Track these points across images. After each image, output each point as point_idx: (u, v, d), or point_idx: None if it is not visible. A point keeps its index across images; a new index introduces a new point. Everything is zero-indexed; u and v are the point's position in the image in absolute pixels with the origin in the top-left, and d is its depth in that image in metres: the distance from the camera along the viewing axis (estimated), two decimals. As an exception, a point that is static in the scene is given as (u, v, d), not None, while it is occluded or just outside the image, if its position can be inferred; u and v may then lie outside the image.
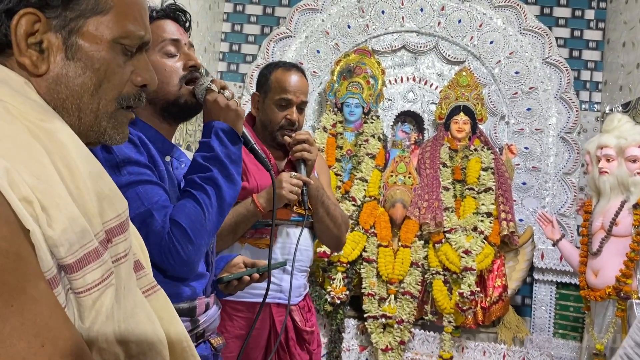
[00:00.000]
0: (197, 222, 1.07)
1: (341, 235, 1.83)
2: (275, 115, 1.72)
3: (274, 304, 1.68)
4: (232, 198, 1.15)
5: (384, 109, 3.82)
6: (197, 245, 1.06)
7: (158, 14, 1.22)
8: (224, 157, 1.14)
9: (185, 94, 1.19)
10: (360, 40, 3.84)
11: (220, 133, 1.15)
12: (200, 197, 1.09)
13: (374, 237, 3.19)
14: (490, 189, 3.25)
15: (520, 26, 3.80)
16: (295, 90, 1.72)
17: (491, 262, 3.15)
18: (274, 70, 1.77)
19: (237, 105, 1.19)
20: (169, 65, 1.18)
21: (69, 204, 0.60)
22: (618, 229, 2.44)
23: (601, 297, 2.44)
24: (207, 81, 1.19)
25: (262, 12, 4.14)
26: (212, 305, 1.22)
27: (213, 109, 1.17)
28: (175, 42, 1.20)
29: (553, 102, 3.74)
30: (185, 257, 1.05)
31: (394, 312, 3.05)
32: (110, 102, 0.73)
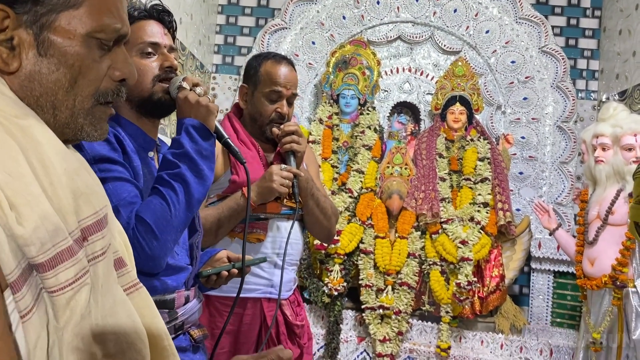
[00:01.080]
0: (162, 218, 1.07)
1: (331, 227, 1.82)
2: (266, 108, 1.69)
3: (264, 299, 1.67)
4: (201, 194, 1.15)
5: (380, 100, 3.81)
6: (162, 241, 1.06)
7: (141, 14, 1.22)
8: (194, 153, 1.14)
9: (159, 91, 1.20)
10: (356, 31, 3.82)
11: (190, 129, 1.16)
12: (166, 194, 1.09)
13: (371, 228, 3.19)
14: (487, 179, 3.25)
15: (516, 15, 3.78)
16: (285, 82, 1.70)
17: (488, 252, 3.15)
18: (263, 62, 1.74)
19: (209, 101, 1.20)
20: (143, 63, 1.19)
21: (41, 202, 0.59)
22: (614, 218, 2.44)
23: (597, 286, 2.44)
24: (179, 79, 1.20)
25: (257, 4, 4.11)
26: (193, 298, 1.23)
27: (184, 106, 1.18)
28: (154, 45, 1.21)
29: (549, 91, 3.73)
30: (150, 253, 1.05)
31: (392, 303, 3.06)
32: (86, 98, 0.71)
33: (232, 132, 1.70)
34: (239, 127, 1.72)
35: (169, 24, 1.27)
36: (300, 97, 3.81)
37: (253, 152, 1.70)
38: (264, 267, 1.66)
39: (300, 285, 3.21)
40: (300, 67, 3.82)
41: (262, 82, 1.71)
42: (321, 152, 3.38)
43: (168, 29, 1.27)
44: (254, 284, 1.65)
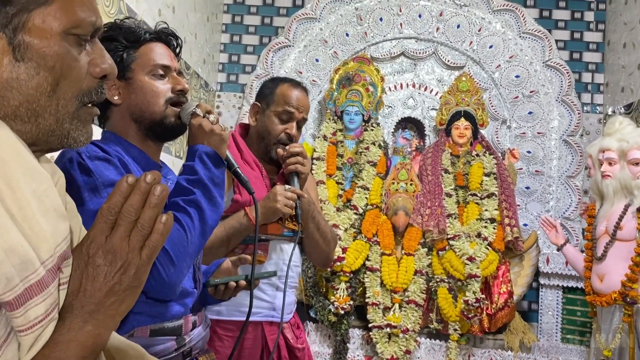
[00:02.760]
0: (179, 244, 1.06)
1: (330, 252, 1.81)
2: (275, 127, 1.70)
3: (265, 323, 1.65)
4: (214, 221, 1.15)
5: (384, 116, 3.81)
6: (179, 268, 1.06)
7: (151, 37, 1.22)
8: (207, 180, 1.14)
9: (171, 114, 1.20)
10: (359, 47, 3.83)
11: (204, 156, 1.17)
12: (183, 220, 1.09)
13: (377, 245, 3.17)
14: (493, 195, 3.22)
15: (519, 30, 3.78)
16: (298, 105, 1.71)
17: (496, 268, 3.12)
18: (280, 84, 1.76)
19: (222, 129, 1.21)
20: (156, 85, 1.19)
21: (7, 231, 0.54)
22: (622, 233, 2.40)
23: (607, 302, 2.40)
24: (193, 105, 1.21)
25: (261, 23, 4.14)
26: (200, 323, 1.22)
27: (198, 133, 1.19)
28: (165, 68, 1.21)
29: (554, 105, 3.72)
30: (167, 279, 1.04)
31: (399, 321, 3.03)
32: (70, 100, 0.66)
33: (236, 152, 1.70)
34: (243, 147, 1.72)
35: (175, 48, 1.28)
36: (304, 114, 3.82)
37: (256, 172, 1.69)
38: (265, 290, 1.65)
39: (307, 304, 3.19)
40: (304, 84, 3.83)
41: (275, 101, 1.72)
42: (326, 169, 3.38)
43: (175, 52, 1.28)
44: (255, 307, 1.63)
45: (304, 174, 1.65)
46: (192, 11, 3.47)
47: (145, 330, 1.08)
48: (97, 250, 0.60)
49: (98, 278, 0.60)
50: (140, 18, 2.65)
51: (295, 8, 4.05)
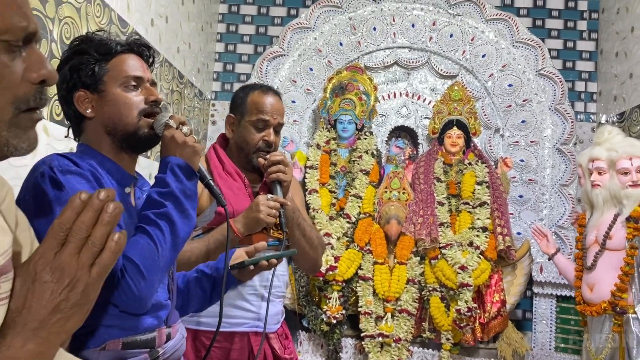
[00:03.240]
0: (149, 258, 1.05)
1: (317, 258, 1.80)
2: (252, 137, 1.70)
3: (252, 333, 1.64)
4: (186, 233, 1.14)
5: (377, 124, 3.82)
6: (149, 281, 1.05)
7: (122, 48, 1.22)
8: (179, 193, 1.14)
9: (144, 126, 1.19)
10: (353, 57, 3.85)
11: (175, 169, 1.16)
12: (153, 233, 1.08)
13: (370, 254, 3.17)
14: (486, 203, 3.22)
15: (512, 39, 3.80)
16: (272, 111, 1.70)
17: (488, 277, 3.11)
18: (250, 92, 1.75)
19: (195, 141, 1.20)
20: (129, 97, 1.19)
21: None
22: (612, 243, 2.40)
23: (597, 312, 2.40)
24: (166, 116, 1.20)
25: (255, 32, 4.16)
26: (175, 334, 1.21)
27: (170, 144, 1.18)
28: (138, 79, 1.21)
29: (548, 114, 3.73)
30: (137, 294, 1.03)
31: (391, 330, 3.02)
32: (4, 108, 0.64)
33: (217, 164, 1.70)
34: (225, 158, 1.72)
35: (148, 59, 1.28)
36: (298, 123, 3.83)
37: (239, 182, 1.69)
38: (251, 300, 1.65)
39: (299, 313, 3.19)
40: (299, 93, 3.85)
41: (248, 110, 1.72)
42: (319, 177, 3.38)
43: (147, 63, 1.27)
44: (241, 318, 1.63)
45: (286, 182, 1.65)
46: (185, 21, 3.48)
47: (118, 343, 1.07)
48: (44, 266, 0.59)
49: (44, 295, 0.59)
50: (132, 28, 2.66)
51: (289, 17, 4.08)
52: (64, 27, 2.08)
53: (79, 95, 1.18)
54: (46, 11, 1.96)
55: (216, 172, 1.68)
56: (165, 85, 3.16)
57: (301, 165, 3.47)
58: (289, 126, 3.81)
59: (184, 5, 3.43)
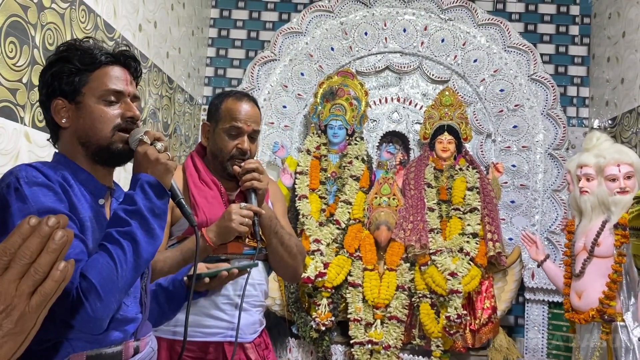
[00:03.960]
0: (108, 278, 1.02)
1: (297, 266, 1.77)
2: (226, 144, 1.67)
3: (226, 342, 1.61)
4: (150, 254, 1.11)
5: (369, 129, 3.80)
6: (105, 302, 1.02)
7: (107, 59, 1.19)
8: (146, 211, 1.11)
9: (118, 140, 1.18)
10: (344, 62, 3.84)
11: (145, 186, 1.13)
12: (114, 252, 1.05)
13: (359, 260, 3.15)
14: (476, 209, 3.21)
15: (504, 44, 3.79)
16: (246, 118, 1.68)
17: (479, 283, 3.09)
18: (224, 99, 1.73)
19: (168, 158, 1.18)
20: (105, 111, 1.17)
21: None
22: (600, 250, 2.38)
23: (585, 319, 2.38)
24: (141, 132, 1.18)
25: (247, 37, 4.15)
26: (144, 348, 1.19)
27: (142, 161, 1.16)
28: (118, 93, 1.19)
29: (540, 119, 3.71)
30: (92, 314, 1.00)
31: (381, 337, 3.00)
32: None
33: (193, 172, 1.68)
34: (201, 167, 1.70)
35: (135, 71, 1.25)
36: (289, 128, 3.81)
37: (214, 191, 1.67)
38: (225, 309, 1.62)
39: (289, 320, 3.16)
40: (290, 97, 3.84)
41: (222, 118, 1.69)
42: (309, 183, 3.36)
43: (133, 76, 1.25)
44: (215, 327, 1.61)
45: (261, 190, 1.62)
46: (175, 26, 3.47)
47: (82, 357, 1.05)
48: None
49: None
50: (119, 34, 2.65)
51: (281, 22, 4.07)
52: (46, 34, 2.07)
53: (56, 103, 1.17)
54: (27, 17, 1.94)
55: (191, 180, 1.66)
56: (154, 90, 3.14)
57: (291, 171, 3.45)
58: (280, 131, 3.80)
59: (173, 10, 3.42)
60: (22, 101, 1.94)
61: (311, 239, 3.12)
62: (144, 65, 2.97)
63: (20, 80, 1.92)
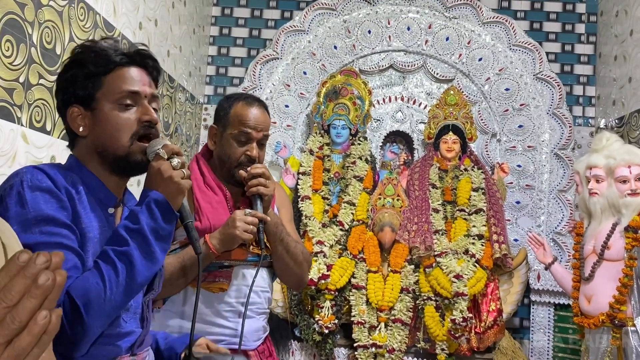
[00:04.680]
0: (94, 301, 0.95)
1: (303, 274, 1.72)
2: (234, 150, 1.61)
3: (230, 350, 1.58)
4: (146, 278, 1.03)
5: (372, 129, 3.75)
6: (87, 326, 0.95)
7: (122, 60, 1.12)
8: (149, 232, 1.03)
9: (137, 150, 1.11)
10: (347, 60, 3.79)
11: (152, 205, 1.06)
12: (106, 274, 0.98)
13: (363, 262, 3.10)
14: (482, 210, 3.16)
15: (509, 42, 3.73)
16: (256, 124, 1.62)
17: (484, 285, 3.04)
18: (234, 103, 1.67)
19: (183, 176, 1.10)
20: (122, 118, 1.10)
21: None
22: (610, 253, 2.33)
23: (595, 324, 2.33)
24: (159, 145, 1.11)
25: (249, 35, 4.10)
26: None
27: (155, 177, 1.09)
28: (134, 95, 1.12)
29: (545, 118, 3.66)
30: (71, 336, 0.94)
31: (385, 340, 2.95)
32: None
33: (198, 176, 1.63)
34: (206, 171, 1.65)
35: (153, 71, 1.18)
36: (292, 128, 3.76)
37: (219, 196, 1.62)
38: (227, 317, 1.58)
39: (291, 322, 3.12)
40: (292, 97, 3.79)
41: (231, 123, 1.63)
42: (312, 184, 3.31)
43: (152, 76, 1.18)
44: (219, 335, 1.56)
45: (267, 196, 1.57)
46: (176, 24, 3.42)
47: None
48: None
49: None
50: (118, 32, 2.60)
51: (283, 20, 4.01)
52: (44, 32, 2.02)
53: (72, 111, 1.11)
54: (24, 15, 1.90)
55: (196, 184, 1.61)
56: (154, 89, 3.09)
57: (294, 171, 3.41)
58: (282, 131, 3.75)
59: (174, 8, 3.37)
60: (19, 101, 1.89)
61: (314, 241, 3.08)
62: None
63: (17, 80, 1.88)
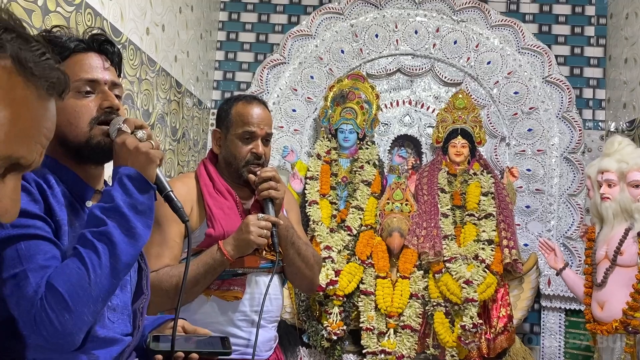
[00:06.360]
0: (78, 286, 0.91)
1: (314, 277, 1.70)
2: (240, 150, 1.61)
3: None
4: (131, 256, 0.98)
5: (380, 133, 3.73)
6: (76, 314, 0.90)
7: (78, 47, 1.08)
8: (126, 208, 0.99)
9: (98, 134, 1.07)
10: (355, 64, 3.77)
11: (124, 180, 1.01)
12: (87, 256, 0.93)
13: (371, 267, 3.08)
14: (491, 215, 3.13)
15: (518, 45, 3.71)
16: (258, 122, 1.62)
17: (494, 291, 3.01)
18: (234, 104, 1.67)
19: (151, 147, 1.05)
20: (79, 104, 1.06)
21: None
22: (623, 259, 2.30)
23: (608, 331, 2.29)
24: (119, 121, 1.07)
25: (256, 40, 4.10)
26: None
27: (121, 152, 1.04)
28: (92, 82, 1.08)
29: (555, 122, 3.63)
30: (60, 328, 0.88)
31: (394, 347, 2.92)
32: None
33: (207, 182, 1.62)
34: (215, 176, 1.64)
35: (113, 56, 1.13)
36: (299, 132, 3.75)
37: (230, 202, 1.61)
38: (241, 326, 1.56)
39: (299, 328, 3.10)
40: (299, 101, 3.78)
41: (234, 123, 1.63)
42: (319, 188, 3.29)
43: (112, 61, 1.13)
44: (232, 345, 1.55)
45: (278, 199, 1.56)
46: (183, 29, 3.42)
47: None
48: None
49: None
50: (126, 37, 2.60)
51: (290, 25, 4.01)
52: (52, 38, 2.01)
53: None
54: (32, 21, 1.89)
55: (206, 190, 1.60)
56: (162, 94, 3.09)
57: (301, 176, 3.39)
58: (289, 135, 3.74)
59: (181, 13, 3.37)
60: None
61: (322, 246, 3.05)
62: (151, 69, 2.92)
63: (25, 86, 1.87)
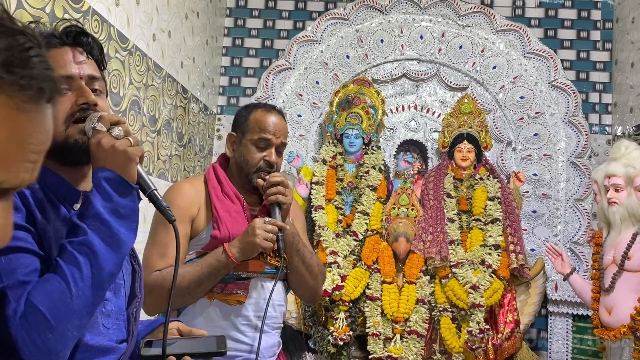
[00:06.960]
0: (60, 302, 0.86)
1: (317, 287, 1.70)
2: (253, 156, 1.62)
3: None
4: (114, 265, 0.93)
5: (386, 138, 3.73)
6: (59, 332, 0.86)
7: (51, 41, 1.02)
8: (107, 214, 0.93)
9: (74, 132, 1.00)
10: (360, 69, 3.78)
11: (103, 183, 0.95)
12: (68, 270, 0.88)
13: (377, 273, 3.07)
14: (498, 220, 3.12)
15: (523, 50, 3.70)
16: (275, 130, 1.63)
17: (501, 296, 3.00)
18: (253, 111, 1.68)
19: (129, 144, 0.98)
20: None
21: None
22: (631, 264, 2.28)
23: (616, 336, 2.28)
24: (94, 119, 0.99)
25: (261, 45, 4.11)
26: None
27: (97, 152, 0.97)
28: (67, 78, 1.02)
29: (561, 126, 3.62)
30: (43, 348, 0.84)
31: (400, 352, 2.91)
32: None
33: (216, 185, 1.63)
34: (224, 179, 1.65)
35: (90, 48, 1.06)
36: (304, 137, 3.76)
37: (237, 205, 1.62)
38: (244, 331, 1.56)
39: (305, 334, 3.09)
40: (305, 106, 3.78)
41: (251, 129, 1.64)
42: (325, 193, 3.29)
43: (89, 54, 1.06)
44: (234, 350, 1.54)
45: (286, 205, 1.56)
46: (189, 35, 3.44)
47: None
48: None
49: None
50: (132, 44, 2.61)
51: (295, 30, 4.02)
52: (59, 44, 2.03)
53: None
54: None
55: (214, 193, 1.61)
56: (168, 100, 3.10)
57: (307, 181, 3.39)
58: (295, 141, 3.74)
59: (187, 20, 3.38)
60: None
61: (328, 251, 3.05)
62: (158, 75, 2.93)
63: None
